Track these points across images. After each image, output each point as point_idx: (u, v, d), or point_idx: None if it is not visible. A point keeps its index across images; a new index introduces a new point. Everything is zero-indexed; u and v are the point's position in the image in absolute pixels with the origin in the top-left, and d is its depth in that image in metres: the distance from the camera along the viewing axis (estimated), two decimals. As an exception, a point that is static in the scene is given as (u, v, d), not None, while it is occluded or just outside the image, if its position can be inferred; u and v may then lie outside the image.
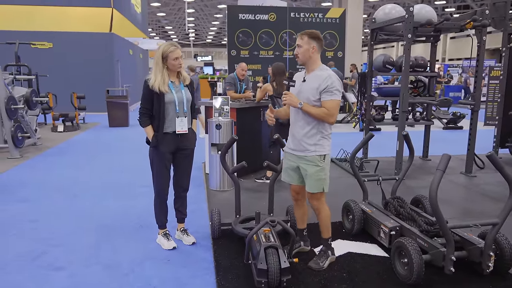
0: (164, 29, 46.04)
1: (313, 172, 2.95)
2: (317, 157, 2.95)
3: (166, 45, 3.07)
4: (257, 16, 13.79)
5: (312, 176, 2.95)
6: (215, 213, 3.56)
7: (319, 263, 3.05)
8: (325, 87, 2.86)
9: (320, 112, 2.88)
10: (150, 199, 4.75)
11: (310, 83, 2.94)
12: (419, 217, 3.28)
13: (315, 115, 2.89)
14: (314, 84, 2.92)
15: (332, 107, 2.86)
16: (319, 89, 2.88)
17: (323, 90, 2.87)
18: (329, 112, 2.86)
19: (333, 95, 2.87)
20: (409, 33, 5.38)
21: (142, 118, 3.14)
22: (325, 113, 2.87)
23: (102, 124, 11.27)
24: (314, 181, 2.96)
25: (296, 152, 3.03)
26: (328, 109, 2.86)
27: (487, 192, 5.14)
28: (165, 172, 3.22)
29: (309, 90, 2.93)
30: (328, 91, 2.86)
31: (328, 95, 2.87)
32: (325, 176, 2.99)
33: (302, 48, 2.93)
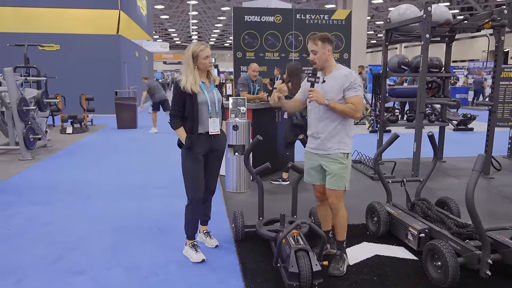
0: (167, 32, 46.12)
1: (336, 169, 2.92)
2: (340, 155, 2.94)
3: (196, 44, 3.01)
4: (263, 18, 13.71)
5: (335, 174, 2.92)
6: (239, 215, 3.49)
7: (339, 268, 2.97)
8: (349, 84, 2.90)
9: (347, 108, 2.89)
10: (165, 201, 4.81)
11: (331, 83, 2.96)
12: (448, 219, 3.21)
13: (343, 111, 2.90)
14: (337, 83, 2.94)
15: (357, 102, 2.90)
16: (343, 87, 2.92)
17: (347, 88, 2.91)
18: (356, 107, 2.89)
19: (357, 91, 2.92)
20: (427, 33, 5.32)
21: (174, 120, 3.05)
22: (352, 108, 2.89)
23: (110, 125, 11.23)
24: (336, 179, 2.93)
25: (318, 151, 3.00)
26: (355, 104, 2.89)
27: (508, 193, 5.07)
28: (201, 175, 3.12)
29: (332, 90, 2.94)
30: (352, 87, 2.91)
31: (353, 91, 2.91)
32: (346, 174, 2.96)
33: (318, 53, 2.95)
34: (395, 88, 6.89)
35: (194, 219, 3.24)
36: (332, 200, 2.98)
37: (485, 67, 24.11)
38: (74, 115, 10.05)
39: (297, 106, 3.31)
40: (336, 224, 3.05)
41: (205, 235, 3.43)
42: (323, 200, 3.18)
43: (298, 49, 14.22)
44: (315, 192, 3.19)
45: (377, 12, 34.54)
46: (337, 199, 2.97)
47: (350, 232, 3.66)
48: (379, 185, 5.36)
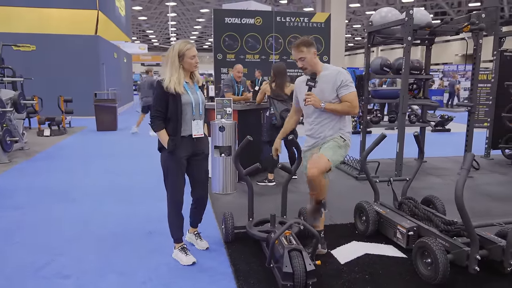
0: (145, 33, 45.55)
1: (330, 144, 3.02)
2: (337, 137, 3.06)
3: (182, 42, 2.95)
4: (243, 20, 13.77)
5: (327, 146, 3.01)
6: (229, 216, 3.47)
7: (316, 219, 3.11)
8: (341, 83, 2.99)
9: (344, 106, 3.00)
10: (152, 203, 4.73)
11: (322, 84, 3.06)
12: (435, 217, 3.27)
13: (340, 111, 3.02)
14: (328, 83, 3.02)
15: (353, 99, 3.00)
16: (335, 86, 3.02)
17: (339, 86, 3.01)
18: (352, 104, 2.99)
19: (350, 87, 3.00)
20: (409, 35, 5.43)
21: (155, 121, 2.93)
22: (349, 106, 2.99)
23: (89, 128, 11.00)
24: (327, 149, 2.99)
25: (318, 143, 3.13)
26: (350, 101, 2.99)
27: (487, 192, 5.21)
28: (182, 180, 3.05)
29: (325, 91, 3.01)
30: (344, 85, 2.99)
31: (345, 89, 2.99)
32: (338, 154, 3.01)
33: (306, 58, 3.03)
34: (377, 90, 7.00)
35: (178, 223, 3.17)
36: (313, 171, 2.89)
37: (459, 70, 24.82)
38: (52, 117, 9.80)
39: (296, 118, 3.38)
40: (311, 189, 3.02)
41: (196, 236, 3.38)
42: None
43: (279, 51, 14.31)
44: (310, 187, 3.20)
45: (354, 15, 35.04)
46: (318, 170, 2.88)
47: (338, 232, 3.73)
48: (363, 185, 5.45)
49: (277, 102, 5.10)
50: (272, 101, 5.12)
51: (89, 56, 13.57)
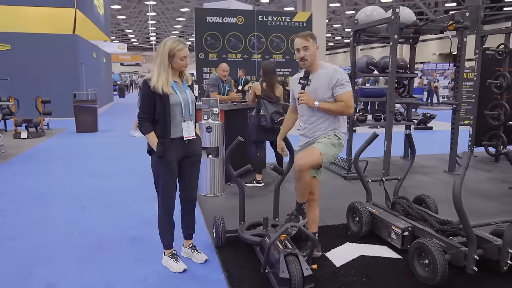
0: (124, 32, 44.86)
1: (324, 140, 2.95)
2: (332, 135, 2.98)
3: (174, 41, 2.80)
4: (225, 19, 13.67)
5: (320, 141, 2.94)
6: (219, 220, 3.35)
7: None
8: (336, 82, 2.91)
9: (339, 106, 2.92)
10: (137, 207, 4.58)
11: (318, 82, 2.98)
12: (429, 216, 3.24)
13: (334, 110, 2.94)
14: (323, 82, 2.95)
15: (348, 98, 2.92)
16: (330, 85, 2.95)
17: (335, 85, 2.93)
18: (347, 104, 2.91)
19: (345, 87, 2.93)
20: (395, 33, 5.41)
21: (143, 123, 2.77)
22: (344, 106, 2.91)
23: (69, 129, 10.68)
24: (321, 144, 2.92)
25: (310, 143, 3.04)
26: (345, 101, 2.91)
27: (476, 189, 5.24)
28: (173, 184, 2.92)
29: (320, 89, 2.94)
30: (339, 84, 2.91)
31: (341, 88, 2.92)
32: (331, 150, 2.93)
33: (310, 50, 2.94)
34: (363, 89, 6.99)
35: (169, 229, 3.04)
36: (301, 162, 2.85)
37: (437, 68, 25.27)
38: (29, 118, 9.47)
39: (295, 117, 3.30)
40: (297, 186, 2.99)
41: (192, 249, 3.18)
42: (310, 201, 3.12)
43: (261, 51, 14.24)
44: None
45: (334, 15, 35.31)
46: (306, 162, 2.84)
47: (331, 233, 3.66)
48: (352, 185, 5.42)
49: (268, 103, 5.00)
50: (262, 101, 5.02)
51: (67, 56, 13.19)
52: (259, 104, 5.06)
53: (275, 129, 5.14)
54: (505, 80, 6.66)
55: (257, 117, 5.11)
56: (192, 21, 37.03)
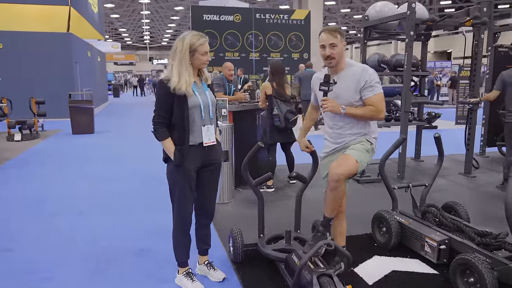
0: (117, 31, 44.32)
1: (357, 146, 2.66)
2: (364, 140, 2.70)
3: (194, 35, 2.50)
4: (222, 17, 13.41)
5: (354, 148, 2.65)
6: (237, 233, 3.06)
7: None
8: (365, 83, 2.59)
9: (367, 111, 2.59)
10: (143, 214, 4.27)
11: (344, 84, 2.62)
12: (466, 227, 2.98)
13: (363, 116, 2.62)
14: (350, 83, 2.61)
15: (378, 102, 2.59)
16: (358, 87, 2.60)
17: (363, 87, 2.59)
18: (377, 108, 2.59)
19: (375, 88, 2.60)
20: (411, 30, 5.16)
21: (159, 129, 2.50)
22: (373, 110, 2.59)
23: (64, 131, 10.31)
24: (355, 151, 2.63)
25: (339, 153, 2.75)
26: (375, 105, 2.58)
27: (493, 193, 4.99)
28: (190, 196, 2.63)
29: (346, 92, 2.61)
30: (368, 86, 2.59)
31: (370, 91, 2.59)
32: (365, 157, 2.65)
33: (338, 47, 2.60)
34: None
35: (185, 245, 2.75)
36: (337, 170, 2.56)
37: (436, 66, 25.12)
38: (23, 120, 9.09)
39: (315, 116, 3.06)
40: (328, 198, 2.69)
41: (208, 267, 2.89)
42: (338, 214, 2.84)
43: (259, 49, 13.98)
44: None
45: (329, 13, 35.09)
46: (343, 171, 2.55)
47: (355, 244, 3.37)
48: (367, 189, 5.16)
49: (281, 102, 4.72)
50: (275, 101, 4.74)
51: (62, 55, 12.80)
52: (271, 104, 4.77)
53: (289, 128, 4.88)
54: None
55: (269, 117, 4.82)
56: (186, 20, 36.78)
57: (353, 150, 2.61)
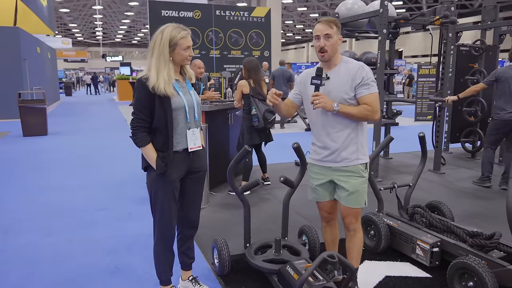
0: (67, 27, 42.25)
1: (356, 184, 2.43)
2: (360, 167, 2.44)
3: (174, 28, 2.25)
4: (181, 13, 13.02)
5: (355, 190, 2.42)
6: (222, 244, 2.84)
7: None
8: (361, 81, 2.37)
9: (363, 110, 2.36)
10: (113, 226, 3.91)
11: (338, 80, 2.39)
12: (457, 228, 2.93)
13: (357, 115, 2.37)
14: (345, 79, 2.39)
15: (374, 101, 2.38)
16: (354, 83, 2.37)
17: (359, 85, 2.37)
18: (373, 108, 2.37)
19: (371, 87, 2.39)
20: (384, 28, 5.14)
21: (139, 133, 2.23)
22: (369, 110, 2.36)
23: (13, 133, 9.55)
24: (357, 196, 2.44)
25: (330, 163, 2.46)
26: (371, 104, 2.36)
27: (464, 189, 5.08)
28: (175, 208, 2.38)
29: (340, 88, 2.39)
30: (364, 84, 2.37)
31: (366, 89, 2.37)
32: (366, 188, 2.50)
33: (332, 39, 2.37)
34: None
35: (168, 261, 2.50)
36: (350, 219, 2.49)
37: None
38: (-34, 122, 8.32)
39: (291, 112, 2.73)
40: (352, 248, 2.56)
41: (193, 283, 2.63)
42: (330, 220, 2.69)
43: (219, 46, 13.71)
44: (321, 211, 2.68)
45: (286, 11, 35.30)
46: (355, 218, 2.50)
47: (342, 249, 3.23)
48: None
49: (259, 101, 4.53)
50: (253, 100, 4.53)
51: (9, 51, 11.88)
52: (248, 104, 4.57)
53: (268, 129, 4.71)
54: (481, 76, 6.63)
55: (248, 118, 4.61)
56: (141, 16, 35.70)
57: (355, 197, 2.43)
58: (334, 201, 2.59)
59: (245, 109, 4.63)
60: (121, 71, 28.28)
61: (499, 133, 4.87)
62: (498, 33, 7.55)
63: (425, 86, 11.82)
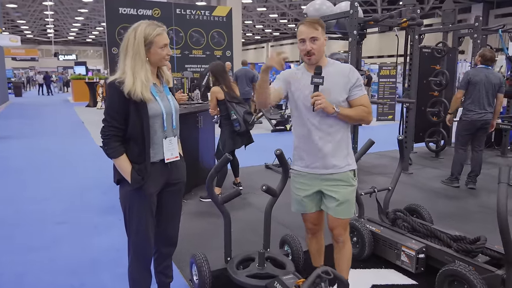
0: (15, 23, 39.93)
1: (346, 194, 2.31)
2: (349, 174, 2.33)
3: (149, 25, 2.04)
4: (140, 11, 12.54)
5: (344, 200, 2.30)
6: (202, 259, 2.65)
7: None
8: (355, 82, 2.28)
9: (360, 111, 2.28)
10: (74, 240, 3.59)
11: (330, 82, 2.23)
12: (440, 233, 2.90)
13: (354, 117, 2.29)
14: (338, 81, 2.26)
15: (367, 102, 2.32)
16: (348, 85, 2.26)
17: (353, 86, 2.27)
18: (368, 110, 2.32)
19: (363, 88, 2.33)
20: (354, 29, 5.11)
21: (111, 143, 2.01)
22: (365, 111, 2.30)
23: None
24: (347, 206, 2.32)
25: (319, 170, 2.32)
26: (366, 105, 2.30)
27: (434, 189, 5.16)
28: (151, 225, 2.17)
29: (334, 90, 2.25)
30: (358, 85, 2.29)
31: (360, 90, 2.30)
32: (354, 197, 2.40)
33: (319, 41, 2.23)
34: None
35: (145, 283, 2.27)
36: (339, 231, 2.38)
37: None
38: None
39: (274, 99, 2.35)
40: (341, 259, 2.45)
41: None
42: (316, 232, 2.57)
43: (180, 46, 13.35)
44: (306, 223, 2.54)
45: (246, 11, 35.22)
46: (344, 229, 2.39)
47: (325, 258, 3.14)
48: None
49: (235, 105, 4.35)
50: (230, 105, 4.34)
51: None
52: (226, 109, 4.37)
53: (248, 130, 4.55)
54: (444, 77, 6.80)
55: (228, 123, 4.42)
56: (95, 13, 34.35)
57: (344, 207, 2.31)
58: (320, 212, 2.47)
59: (223, 115, 4.45)
60: (76, 71, 27.07)
61: (469, 134, 4.97)
62: (457, 36, 7.82)
63: (386, 86, 12.09)
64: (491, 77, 4.85)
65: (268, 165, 6.16)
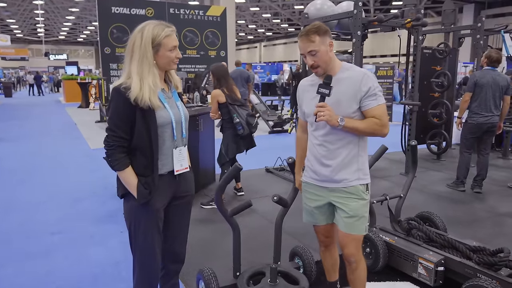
0: (4, 22, 39.32)
1: (356, 208, 2.14)
2: (360, 188, 2.16)
3: (157, 25, 1.87)
4: (133, 11, 12.33)
5: (354, 214, 2.14)
6: (210, 275, 2.49)
7: None
8: (367, 91, 2.06)
9: (371, 124, 2.08)
10: (71, 253, 3.38)
11: (339, 92, 2.07)
12: (459, 243, 2.77)
13: (363, 131, 2.09)
14: (347, 90, 2.08)
15: (382, 113, 2.09)
16: (359, 95, 2.06)
17: (366, 95, 2.06)
18: (382, 122, 2.08)
19: (379, 98, 2.10)
20: (358, 29, 4.97)
21: (116, 154, 1.84)
22: (377, 123, 2.08)
23: None
24: (356, 220, 2.16)
25: (328, 183, 2.18)
26: (379, 117, 2.08)
27: (442, 193, 5.05)
28: (159, 241, 2.01)
29: (342, 100, 2.08)
30: (371, 95, 2.07)
31: (373, 100, 2.07)
32: (367, 213, 2.23)
33: (319, 53, 2.04)
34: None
35: None
36: (351, 250, 2.20)
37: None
38: None
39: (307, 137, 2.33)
40: (355, 281, 2.29)
41: None
42: (328, 245, 2.42)
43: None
44: (318, 235, 2.40)
45: (239, 11, 35.05)
46: (356, 248, 2.21)
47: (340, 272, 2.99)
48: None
49: (238, 107, 4.20)
50: (232, 108, 4.18)
51: None
52: (228, 113, 4.21)
53: (252, 133, 4.40)
54: (446, 78, 6.70)
55: (230, 127, 4.26)
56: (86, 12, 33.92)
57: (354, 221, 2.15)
58: (332, 225, 2.32)
59: (225, 118, 4.29)
60: (68, 71, 26.68)
61: (474, 137, 4.87)
62: (457, 36, 7.73)
63: (382, 87, 12.00)
64: (498, 79, 4.75)
65: (269, 169, 6.01)
